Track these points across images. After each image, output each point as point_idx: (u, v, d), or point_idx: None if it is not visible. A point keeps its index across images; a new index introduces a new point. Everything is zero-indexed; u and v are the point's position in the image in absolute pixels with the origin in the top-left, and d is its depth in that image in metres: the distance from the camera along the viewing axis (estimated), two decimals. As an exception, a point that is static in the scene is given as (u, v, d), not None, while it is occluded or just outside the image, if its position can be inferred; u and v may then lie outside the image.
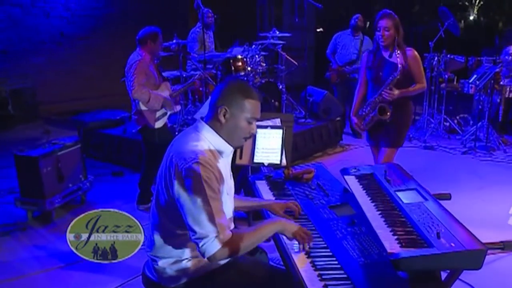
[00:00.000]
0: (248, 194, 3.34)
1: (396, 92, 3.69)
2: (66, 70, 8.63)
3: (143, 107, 4.26)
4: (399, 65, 3.62)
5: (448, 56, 6.70)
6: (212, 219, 1.96)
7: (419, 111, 7.46)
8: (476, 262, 1.77)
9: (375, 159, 4.07)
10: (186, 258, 2.16)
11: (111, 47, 8.78)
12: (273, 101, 6.09)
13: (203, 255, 1.99)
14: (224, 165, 2.17)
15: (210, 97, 2.23)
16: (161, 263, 2.19)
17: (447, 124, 6.99)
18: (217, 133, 2.13)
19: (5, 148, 6.01)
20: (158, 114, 4.37)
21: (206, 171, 1.99)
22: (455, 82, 6.90)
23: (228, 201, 2.21)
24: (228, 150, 2.19)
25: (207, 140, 2.12)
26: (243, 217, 3.76)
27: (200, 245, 1.97)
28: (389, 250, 1.81)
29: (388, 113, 3.72)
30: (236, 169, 4.12)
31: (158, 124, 4.40)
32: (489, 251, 2.21)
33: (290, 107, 6.92)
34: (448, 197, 2.62)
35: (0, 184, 5.16)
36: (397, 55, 3.66)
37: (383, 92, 3.71)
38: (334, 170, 3.10)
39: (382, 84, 3.74)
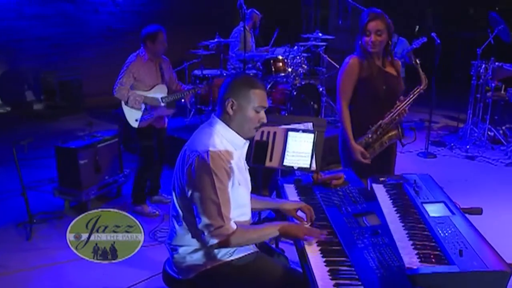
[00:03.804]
0: (277, 197, 3.33)
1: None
2: (112, 64, 8.80)
3: (123, 106, 4.29)
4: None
5: (496, 64, 6.43)
6: (219, 210, 2.04)
7: (462, 118, 7.26)
8: (499, 284, 1.69)
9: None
10: (205, 247, 2.21)
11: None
12: (312, 103, 6.02)
13: (206, 243, 2.09)
14: (238, 158, 2.24)
15: (219, 94, 2.27)
16: (181, 250, 2.25)
17: (492, 134, 6.70)
18: (228, 126, 2.21)
19: (49, 138, 6.22)
20: (138, 115, 4.32)
21: (216, 163, 2.06)
22: (502, 91, 6.60)
23: (243, 192, 2.27)
24: (241, 142, 2.26)
25: (220, 133, 2.19)
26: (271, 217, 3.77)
27: (205, 233, 2.06)
28: (407, 265, 1.76)
29: (395, 132, 3.30)
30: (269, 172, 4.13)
31: (138, 125, 4.33)
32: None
33: (329, 110, 6.84)
34: (479, 212, 2.51)
35: (42, 173, 5.37)
36: (394, 64, 3.32)
37: (402, 111, 3.22)
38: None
39: (386, 100, 3.26)
